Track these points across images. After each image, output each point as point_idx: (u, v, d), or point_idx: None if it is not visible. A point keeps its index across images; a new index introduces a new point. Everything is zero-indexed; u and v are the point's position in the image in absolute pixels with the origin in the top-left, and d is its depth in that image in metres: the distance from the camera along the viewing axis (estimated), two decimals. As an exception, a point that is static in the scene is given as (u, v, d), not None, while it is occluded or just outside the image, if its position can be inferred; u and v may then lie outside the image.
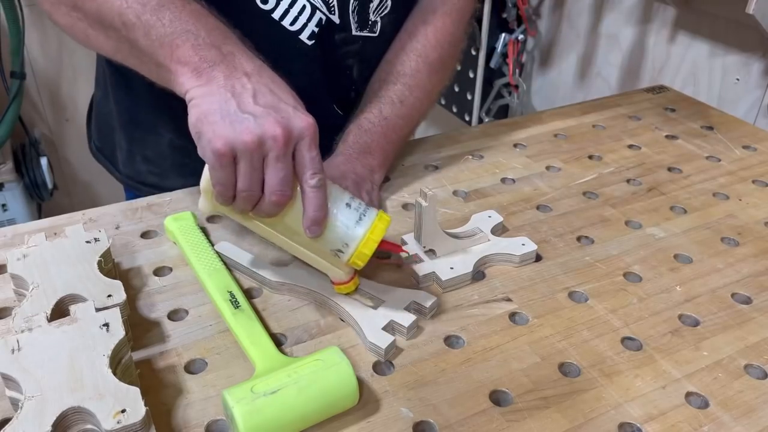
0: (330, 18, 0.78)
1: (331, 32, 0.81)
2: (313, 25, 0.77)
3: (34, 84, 1.79)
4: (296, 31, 0.77)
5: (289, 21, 0.76)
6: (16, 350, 0.49)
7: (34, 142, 1.72)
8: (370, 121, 0.80)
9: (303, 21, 0.76)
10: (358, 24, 0.83)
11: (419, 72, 0.83)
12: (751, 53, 1.28)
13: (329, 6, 0.78)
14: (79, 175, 1.98)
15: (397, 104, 0.82)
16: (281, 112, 0.53)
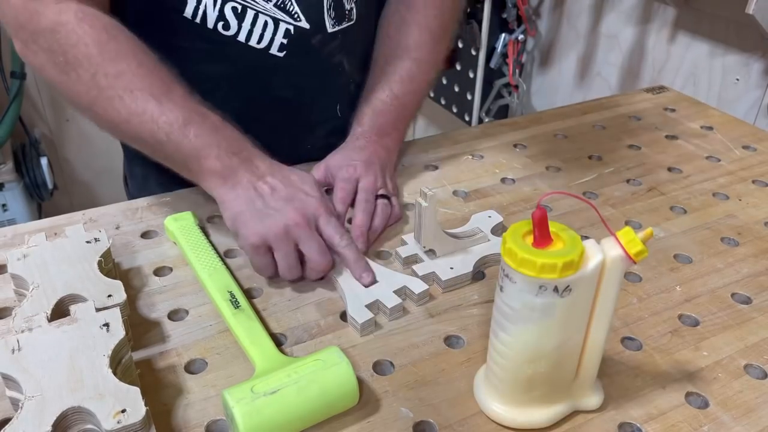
0: (297, 25, 0.77)
1: (304, 38, 0.79)
2: (281, 37, 0.77)
3: (34, 84, 1.79)
4: (265, 48, 0.78)
5: (255, 40, 0.77)
6: (17, 350, 0.49)
7: (34, 142, 1.72)
8: (382, 101, 0.82)
9: (269, 37, 0.77)
10: (336, 20, 0.81)
11: (424, 44, 0.84)
12: (751, 53, 1.28)
13: (292, 15, 0.76)
14: (79, 175, 1.98)
15: (406, 81, 0.82)
16: (296, 201, 0.65)
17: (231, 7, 0.74)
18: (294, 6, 0.76)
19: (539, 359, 0.49)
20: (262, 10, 0.75)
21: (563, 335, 0.48)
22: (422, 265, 0.67)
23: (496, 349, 0.50)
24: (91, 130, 1.91)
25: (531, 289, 0.46)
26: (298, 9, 0.77)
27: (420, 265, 0.67)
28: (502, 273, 0.48)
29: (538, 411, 0.52)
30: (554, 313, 0.46)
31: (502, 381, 0.51)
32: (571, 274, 0.45)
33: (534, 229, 0.45)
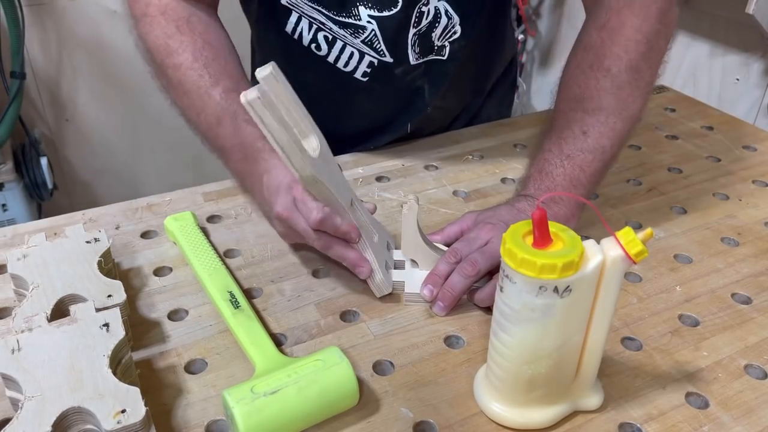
0: (381, 60, 0.80)
1: (386, 69, 0.81)
2: (365, 67, 0.81)
3: (34, 84, 1.79)
4: (350, 71, 0.82)
5: (342, 64, 0.82)
6: (16, 350, 0.49)
7: (34, 142, 1.72)
8: (550, 163, 0.69)
9: (354, 64, 0.81)
10: (420, 53, 0.81)
11: (603, 91, 0.69)
12: (751, 53, 1.29)
13: (378, 51, 0.79)
14: (79, 175, 1.98)
15: (579, 137, 0.69)
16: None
17: (323, 35, 0.79)
18: (381, 44, 0.79)
19: (539, 359, 0.49)
20: (350, 43, 0.79)
21: (563, 335, 0.48)
22: (399, 272, 0.67)
23: (497, 350, 0.50)
24: (91, 130, 1.91)
25: (531, 290, 0.46)
26: (384, 47, 0.79)
27: (397, 271, 0.67)
28: (502, 273, 0.48)
29: (538, 411, 0.52)
30: (554, 314, 0.46)
31: (503, 381, 0.51)
32: (571, 275, 0.45)
33: (534, 229, 0.45)
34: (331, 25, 0.78)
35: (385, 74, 0.82)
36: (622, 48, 0.68)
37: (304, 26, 0.79)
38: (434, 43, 0.81)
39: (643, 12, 0.67)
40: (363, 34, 0.77)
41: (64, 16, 1.74)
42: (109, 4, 1.76)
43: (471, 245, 0.64)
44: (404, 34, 0.78)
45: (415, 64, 0.82)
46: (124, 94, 1.89)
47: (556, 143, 0.70)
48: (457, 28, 0.80)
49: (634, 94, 0.70)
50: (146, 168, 2.04)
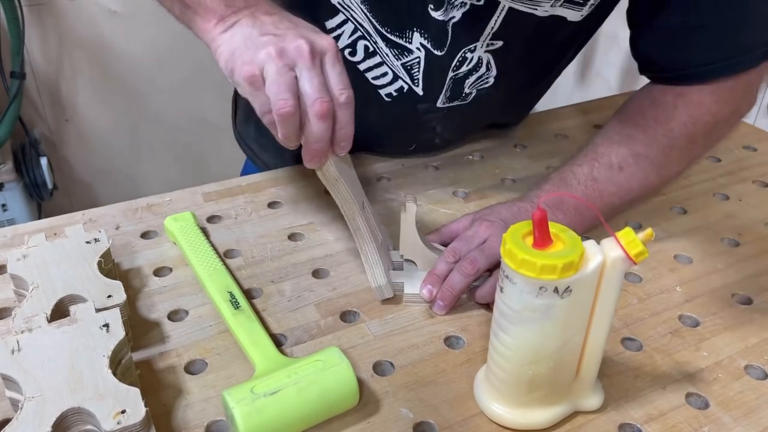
0: (412, 88, 0.78)
1: (412, 99, 0.79)
2: (393, 89, 0.79)
3: (34, 84, 1.79)
4: (377, 86, 0.79)
5: (372, 76, 0.79)
6: (16, 351, 0.49)
7: (34, 142, 1.72)
8: (575, 176, 0.70)
9: (384, 82, 0.78)
10: (449, 98, 0.80)
11: (656, 145, 0.70)
12: (751, 53, 1.28)
13: (413, 78, 0.77)
14: (79, 175, 1.98)
15: (614, 169, 0.70)
16: (302, 30, 0.55)
17: (364, 44, 0.76)
18: (419, 73, 0.76)
19: (540, 360, 0.49)
20: (389, 63, 0.76)
21: (564, 336, 0.48)
22: (397, 273, 0.66)
23: (497, 350, 0.50)
24: (91, 130, 1.91)
25: (531, 290, 0.46)
26: (420, 77, 0.77)
27: (396, 272, 0.66)
28: (502, 274, 0.47)
29: (538, 412, 0.52)
30: (554, 314, 0.46)
31: (503, 382, 0.51)
32: (572, 275, 0.45)
33: (534, 230, 0.45)
34: (377, 39, 0.75)
35: (408, 105, 0.80)
36: (691, 120, 0.69)
37: (347, 30, 0.76)
38: (464, 90, 0.79)
39: (722, 99, 0.69)
40: (407, 57, 0.75)
41: (64, 16, 1.74)
42: (109, 4, 1.76)
43: (469, 243, 0.64)
44: (444, 75, 0.77)
45: (440, 107, 0.81)
46: (124, 94, 1.89)
47: (590, 163, 0.70)
48: (491, 80, 0.79)
49: (681, 161, 0.72)
50: (146, 168, 2.04)
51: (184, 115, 1.99)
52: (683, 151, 0.71)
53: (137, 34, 1.82)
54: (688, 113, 0.69)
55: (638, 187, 0.71)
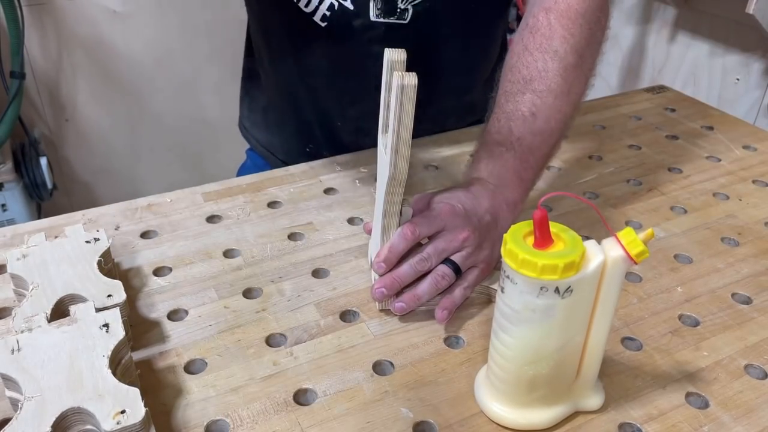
0: (342, 3, 0.79)
1: (346, 17, 0.81)
2: (324, 9, 0.80)
3: (34, 84, 1.79)
4: (310, 13, 0.81)
5: (303, 2, 0.81)
6: (16, 351, 0.49)
7: (33, 142, 1.72)
8: (501, 145, 0.68)
9: (315, 4, 0.80)
10: (382, 11, 0.80)
11: (550, 73, 0.69)
12: (751, 53, 1.29)
13: None
14: (79, 175, 1.98)
15: (529, 119, 0.68)
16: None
17: None
18: None
19: (540, 360, 0.49)
20: None
21: (564, 336, 0.48)
22: None
23: (497, 350, 0.50)
24: (91, 130, 1.91)
25: (532, 291, 0.46)
26: None
27: None
28: (503, 274, 0.47)
29: (539, 412, 0.52)
30: (555, 314, 0.46)
31: (503, 382, 0.51)
32: (572, 275, 0.45)
33: (535, 229, 0.45)
34: None
35: (344, 23, 0.81)
36: (568, 31, 0.69)
37: None
38: (397, 3, 0.80)
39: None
40: None
41: (64, 16, 1.74)
42: (109, 4, 1.76)
43: (430, 224, 0.62)
44: None
45: (374, 21, 0.81)
46: (124, 94, 1.89)
47: (506, 125, 0.69)
48: None
49: (579, 78, 0.70)
50: (146, 168, 2.04)
51: (184, 115, 1.99)
52: (577, 68, 0.70)
53: (137, 34, 1.82)
54: (563, 25, 0.69)
55: (557, 124, 0.69)
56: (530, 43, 0.70)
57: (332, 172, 0.86)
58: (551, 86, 0.69)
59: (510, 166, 0.67)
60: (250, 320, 0.62)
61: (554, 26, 0.69)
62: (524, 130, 0.68)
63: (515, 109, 0.69)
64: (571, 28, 0.69)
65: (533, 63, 0.69)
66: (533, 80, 0.69)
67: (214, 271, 0.68)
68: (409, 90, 0.52)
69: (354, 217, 0.77)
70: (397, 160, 0.55)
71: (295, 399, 0.54)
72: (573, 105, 0.70)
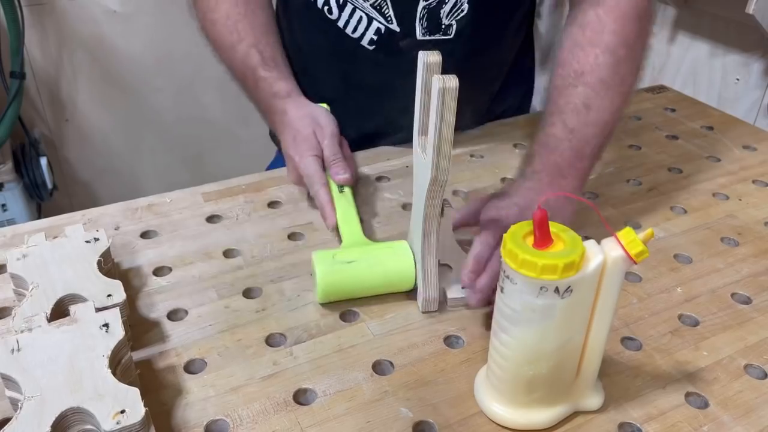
0: (389, 27, 0.82)
1: (393, 39, 0.83)
2: (372, 33, 0.84)
3: (34, 84, 1.79)
4: (357, 38, 0.85)
5: (350, 29, 0.85)
6: (16, 351, 0.49)
7: (33, 142, 1.72)
8: (556, 137, 0.69)
9: (362, 30, 0.84)
10: (428, 29, 0.83)
11: (601, 66, 0.70)
12: (751, 53, 1.29)
13: (386, 17, 0.82)
14: (79, 175, 1.98)
15: (582, 111, 0.69)
16: None
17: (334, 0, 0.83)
18: (389, 9, 0.82)
19: (540, 360, 0.49)
20: (359, 6, 0.82)
21: (564, 336, 0.48)
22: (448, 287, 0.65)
23: (497, 350, 0.50)
24: (91, 130, 1.91)
25: (532, 291, 0.46)
26: (392, 13, 0.82)
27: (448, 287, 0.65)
28: (502, 274, 0.47)
29: (539, 412, 0.52)
30: (555, 314, 0.46)
31: (503, 382, 0.51)
32: (572, 275, 0.45)
33: (535, 230, 0.45)
34: None
35: (391, 44, 0.84)
36: (618, 24, 0.70)
37: None
38: (442, 20, 0.82)
39: None
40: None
41: (64, 16, 1.74)
42: (109, 4, 1.76)
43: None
44: (413, 5, 0.81)
45: (421, 39, 0.83)
46: (124, 94, 1.88)
47: (559, 118, 0.70)
48: (465, 6, 0.82)
49: (631, 70, 0.72)
50: (146, 168, 2.04)
51: (184, 115, 1.99)
52: (628, 60, 0.71)
53: (137, 34, 1.82)
54: (614, 19, 0.70)
55: (611, 116, 0.70)
56: (581, 38, 0.72)
57: (332, 172, 0.86)
58: (603, 78, 0.70)
59: (566, 156, 0.68)
60: (250, 320, 0.62)
61: (604, 21, 0.71)
62: (578, 121, 0.69)
63: (567, 102, 0.70)
64: (621, 21, 0.70)
65: (584, 57, 0.70)
66: (585, 74, 0.70)
67: (214, 271, 0.68)
68: (450, 92, 0.53)
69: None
70: (438, 163, 0.56)
71: (295, 399, 0.54)
72: (625, 97, 0.71)
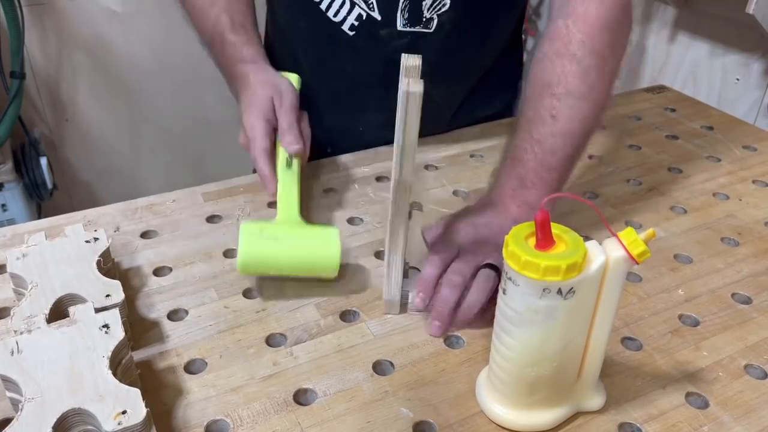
0: (370, 14, 0.83)
1: (373, 27, 0.84)
2: (353, 19, 0.84)
3: (34, 84, 1.79)
4: (339, 22, 0.85)
5: (332, 13, 0.85)
6: (16, 352, 0.49)
7: (33, 142, 1.72)
8: (521, 149, 0.69)
9: (343, 14, 0.84)
10: (408, 21, 0.83)
11: (568, 76, 0.68)
12: (751, 53, 1.29)
13: (368, 3, 0.82)
14: (79, 175, 1.98)
15: (549, 121, 0.68)
16: None
17: None
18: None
19: (542, 362, 0.49)
20: None
21: (566, 337, 0.48)
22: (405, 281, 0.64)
23: (499, 352, 0.50)
24: (91, 130, 1.91)
25: (534, 292, 0.45)
26: (374, 0, 0.82)
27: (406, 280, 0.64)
28: (505, 276, 0.47)
29: (541, 413, 0.52)
30: (558, 316, 0.46)
31: (505, 383, 0.51)
32: (575, 276, 0.45)
33: (537, 231, 0.45)
34: None
35: (371, 32, 0.84)
36: (586, 35, 0.69)
37: None
38: (423, 13, 0.82)
39: (606, 2, 0.69)
40: None
41: (64, 16, 1.74)
42: (109, 4, 1.76)
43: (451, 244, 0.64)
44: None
45: (401, 30, 0.83)
46: (124, 94, 1.89)
47: (526, 129, 0.69)
48: (447, 1, 0.82)
49: (601, 80, 0.70)
50: (146, 168, 2.04)
51: (184, 115, 1.99)
52: (597, 70, 0.69)
53: (137, 34, 1.82)
54: (581, 30, 0.69)
55: (580, 126, 0.68)
56: (549, 50, 0.71)
57: (332, 172, 0.86)
58: (570, 89, 0.68)
59: (530, 167, 0.67)
60: (250, 320, 0.62)
61: (572, 31, 0.70)
62: (544, 132, 0.68)
63: (535, 114, 0.69)
64: (589, 31, 0.69)
65: (551, 68, 0.69)
66: (552, 84, 0.69)
67: (214, 271, 0.68)
68: (414, 97, 0.52)
69: (354, 217, 0.77)
70: (402, 166, 0.55)
71: (295, 399, 0.54)
72: (595, 106, 0.70)
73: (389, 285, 0.62)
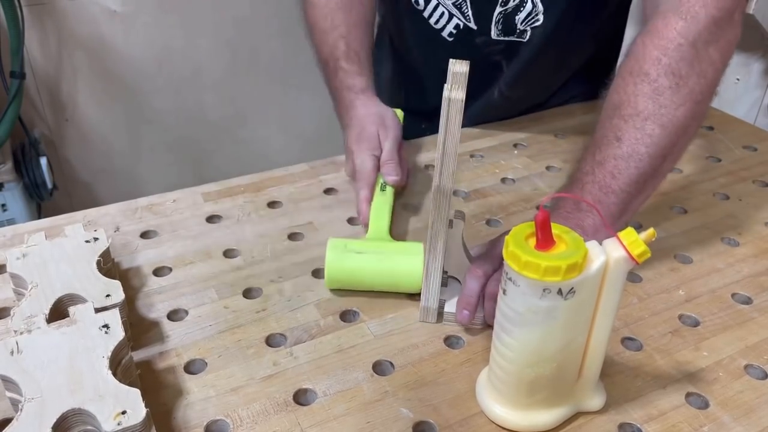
0: (467, 24, 0.91)
1: (469, 35, 0.91)
2: (451, 27, 0.92)
3: (34, 84, 1.79)
4: (439, 29, 0.93)
5: (433, 21, 0.93)
6: (16, 352, 0.49)
7: (33, 142, 1.72)
8: (582, 171, 0.66)
9: (443, 23, 0.93)
10: (502, 31, 0.90)
11: (638, 96, 0.65)
12: (751, 53, 1.28)
13: (465, 15, 0.90)
14: (79, 175, 1.97)
15: (613, 143, 0.64)
16: None
17: None
18: (468, 9, 0.90)
19: (542, 362, 0.49)
20: (442, 2, 0.91)
21: (567, 337, 0.48)
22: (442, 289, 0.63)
23: (500, 353, 0.50)
24: (91, 130, 1.91)
25: (535, 293, 0.45)
26: (470, 12, 0.90)
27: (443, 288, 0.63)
28: (505, 276, 0.47)
29: (541, 413, 0.52)
30: (558, 316, 0.46)
31: (505, 384, 0.51)
32: (575, 277, 0.45)
33: (537, 231, 0.45)
34: None
35: (468, 40, 0.92)
36: (661, 51, 0.65)
37: None
38: (517, 25, 0.88)
39: (689, 15, 0.64)
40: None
41: (64, 16, 1.74)
42: (109, 4, 1.76)
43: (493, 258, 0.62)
44: (490, 8, 0.88)
45: (495, 39, 0.90)
46: (124, 94, 1.88)
47: (591, 151, 0.66)
48: (540, 17, 0.87)
49: (676, 101, 0.64)
50: (146, 168, 2.04)
51: (184, 115, 1.99)
52: (672, 90, 0.64)
53: (137, 34, 1.82)
54: (657, 45, 0.65)
55: (647, 149, 0.63)
56: (623, 68, 0.68)
57: (332, 172, 0.86)
58: (639, 109, 0.65)
59: (587, 190, 0.64)
60: (250, 320, 0.62)
61: (648, 48, 0.66)
62: (607, 154, 0.65)
63: (602, 136, 0.66)
64: (665, 48, 0.65)
65: (623, 87, 0.66)
66: (621, 105, 0.66)
67: (214, 271, 0.68)
68: (456, 103, 0.52)
69: (354, 217, 0.77)
70: (442, 173, 0.56)
71: (295, 399, 0.54)
72: (670, 128, 0.64)
73: (427, 292, 0.61)
